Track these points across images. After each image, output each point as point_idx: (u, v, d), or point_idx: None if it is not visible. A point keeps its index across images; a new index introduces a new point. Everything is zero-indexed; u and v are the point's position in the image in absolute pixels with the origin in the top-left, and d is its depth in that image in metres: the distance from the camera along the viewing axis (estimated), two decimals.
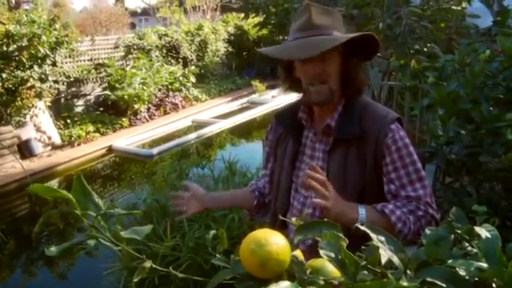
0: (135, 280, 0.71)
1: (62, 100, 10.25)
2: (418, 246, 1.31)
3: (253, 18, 5.12)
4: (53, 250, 0.69)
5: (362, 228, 0.72)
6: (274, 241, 0.69)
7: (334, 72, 1.47)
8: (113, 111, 10.71)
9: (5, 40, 8.24)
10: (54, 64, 9.18)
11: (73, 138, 9.29)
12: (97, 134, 9.70)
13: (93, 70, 10.84)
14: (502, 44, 1.87)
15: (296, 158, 1.61)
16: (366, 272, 0.66)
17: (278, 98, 12.60)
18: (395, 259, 0.67)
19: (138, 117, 10.91)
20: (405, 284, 0.63)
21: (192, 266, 3.37)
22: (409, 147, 1.47)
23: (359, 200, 1.43)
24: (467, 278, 0.63)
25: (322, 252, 0.65)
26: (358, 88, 1.54)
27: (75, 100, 10.62)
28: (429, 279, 0.63)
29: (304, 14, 1.46)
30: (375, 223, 1.15)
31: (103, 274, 3.71)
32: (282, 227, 1.45)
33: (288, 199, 1.61)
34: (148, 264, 0.72)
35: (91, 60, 11.03)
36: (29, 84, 8.46)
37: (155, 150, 8.99)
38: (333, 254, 0.65)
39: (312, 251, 0.77)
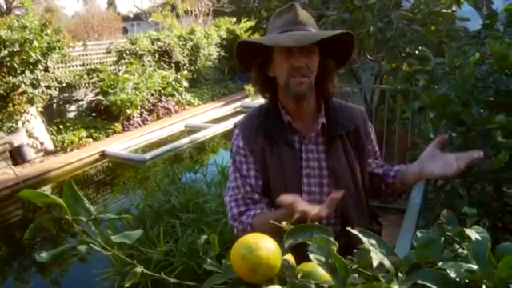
0: (126, 286, 0.71)
1: (55, 105, 10.21)
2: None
3: (245, 22, 5.12)
4: (44, 255, 0.69)
5: (353, 232, 0.72)
6: (265, 245, 0.69)
7: (314, 68, 1.52)
8: (105, 116, 10.68)
9: None
10: (45, 69, 9.15)
11: (65, 144, 9.25)
12: (89, 140, 9.66)
13: (85, 76, 10.80)
14: (491, 47, 1.89)
15: (298, 165, 1.56)
16: (356, 275, 0.66)
17: None
18: (386, 262, 0.67)
19: (131, 122, 10.88)
20: (396, 287, 0.63)
21: (186, 270, 3.36)
22: None
23: (362, 185, 1.60)
24: (457, 280, 0.63)
25: (311, 256, 0.65)
26: (333, 90, 1.63)
27: (67, 105, 10.58)
28: (420, 282, 0.64)
29: (289, 12, 1.52)
30: None
31: (96, 279, 3.70)
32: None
33: None
34: (139, 269, 0.71)
35: (83, 65, 11.00)
36: (20, 90, 8.42)
37: (148, 155, 8.98)
38: (323, 258, 0.65)
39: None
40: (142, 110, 11.35)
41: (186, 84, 13.06)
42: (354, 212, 1.54)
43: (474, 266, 0.64)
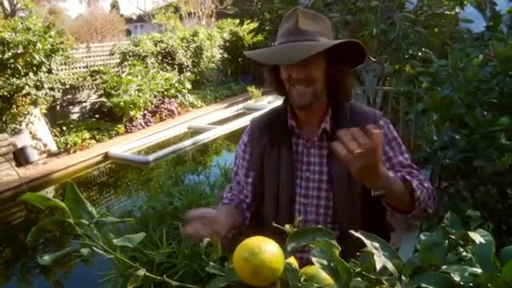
0: None
1: (58, 107, 10.24)
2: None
3: (248, 24, 5.12)
4: (46, 258, 0.68)
5: (356, 234, 0.71)
6: (268, 248, 0.69)
7: (318, 76, 1.45)
8: (109, 118, 10.71)
9: (0, 48, 8.23)
10: (49, 71, 9.18)
11: (69, 145, 9.28)
12: (93, 141, 9.68)
13: (88, 77, 10.84)
14: (495, 49, 1.88)
15: (294, 168, 1.56)
16: (359, 279, 0.65)
17: (274, 104, 12.58)
18: (389, 265, 0.67)
19: (134, 123, 10.90)
20: None
21: (188, 273, 3.35)
22: (398, 139, 1.56)
23: (363, 195, 1.45)
24: (461, 283, 0.63)
25: (314, 259, 0.65)
26: (346, 94, 1.56)
27: (71, 107, 10.61)
28: (423, 285, 0.63)
29: (291, 18, 1.45)
30: (399, 189, 1.31)
31: (99, 281, 3.69)
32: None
33: (292, 212, 1.55)
34: (141, 272, 0.71)
35: (87, 67, 11.03)
36: (24, 91, 8.46)
37: (151, 157, 8.99)
38: (325, 262, 0.64)
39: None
40: (145, 112, 11.38)
41: (188, 86, 13.08)
42: (345, 220, 1.50)
43: (479, 270, 0.64)
